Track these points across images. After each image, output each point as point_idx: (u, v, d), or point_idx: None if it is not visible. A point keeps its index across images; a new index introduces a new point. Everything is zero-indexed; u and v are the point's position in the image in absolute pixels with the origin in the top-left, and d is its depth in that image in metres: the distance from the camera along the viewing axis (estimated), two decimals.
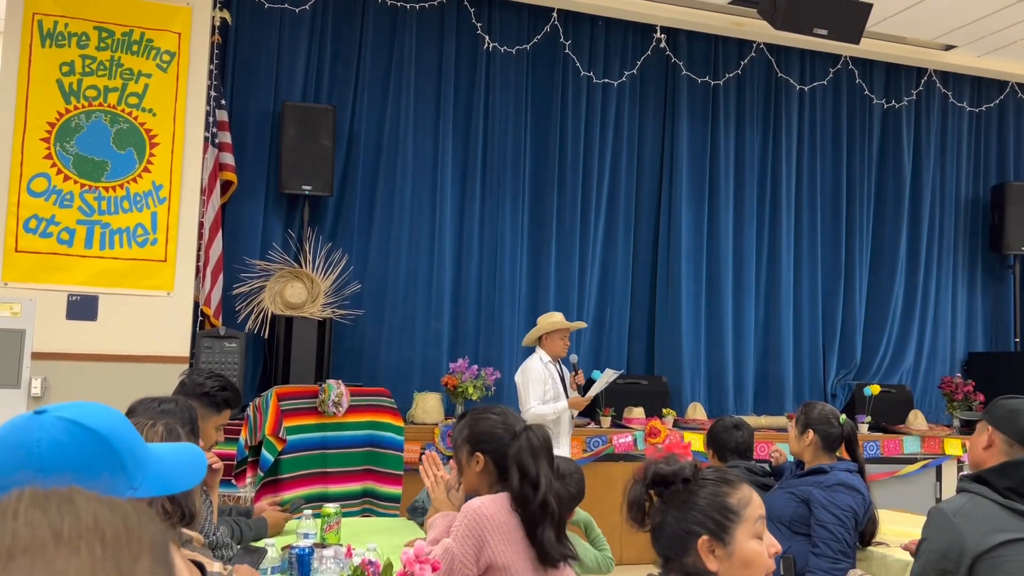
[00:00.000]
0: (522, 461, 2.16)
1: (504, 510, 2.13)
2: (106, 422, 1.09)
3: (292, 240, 5.63)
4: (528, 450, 2.17)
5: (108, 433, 1.08)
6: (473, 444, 2.26)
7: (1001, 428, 2.21)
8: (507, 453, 2.19)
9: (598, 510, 5.35)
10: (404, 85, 5.91)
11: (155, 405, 2.24)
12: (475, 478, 2.27)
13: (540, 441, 2.21)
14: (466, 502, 2.26)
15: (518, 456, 2.17)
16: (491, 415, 2.30)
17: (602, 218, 6.33)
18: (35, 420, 1.04)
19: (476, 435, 2.26)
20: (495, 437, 2.23)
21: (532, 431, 2.23)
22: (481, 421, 2.28)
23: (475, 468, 2.25)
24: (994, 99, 7.39)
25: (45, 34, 4.86)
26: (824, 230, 6.88)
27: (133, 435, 1.12)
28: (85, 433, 1.05)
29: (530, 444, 2.18)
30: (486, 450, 2.23)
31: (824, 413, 3.24)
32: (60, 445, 1.02)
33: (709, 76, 6.60)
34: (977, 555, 1.95)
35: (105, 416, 1.10)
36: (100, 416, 1.09)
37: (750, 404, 6.52)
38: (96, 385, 4.71)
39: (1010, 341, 7.26)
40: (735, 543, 1.51)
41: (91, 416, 1.08)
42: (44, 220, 4.80)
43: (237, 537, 2.79)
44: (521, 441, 2.19)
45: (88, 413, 1.08)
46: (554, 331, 4.74)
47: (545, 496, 2.13)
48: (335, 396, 4.51)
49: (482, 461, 2.24)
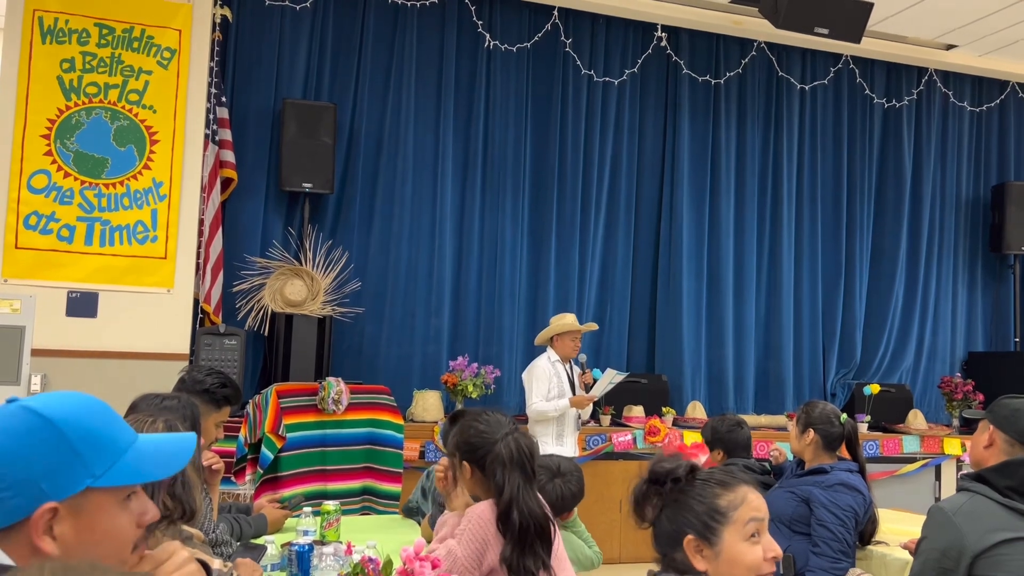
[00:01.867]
0: (494, 471, 2.16)
1: (493, 517, 2.13)
2: (68, 411, 1.09)
3: (292, 237, 5.63)
4: (499, 460, 2.16)
5: (63, 422, 1.08)
6: (460, 453, 2.26)
7: (1003, 427, 2.21)
8: (486, 462, 2.19)
9: (597, 508, 5.36)
10: (405, 83, 5.91)
11: (157, 401, 2.24)
12: (469, 484, 2.26)
13: (514, 451, 2.18)
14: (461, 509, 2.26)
15: (492, 466, 2.17)
16: (476, 423, 2.27)
17: (602, 216, 6.33)
18: (1, 410, 1.07)
19: (461, 444, 2.26)
20: (476, 446, 2.22)
21: (510, 439, 2.20)
22: (466, 429, 2.27)
23: (465, 476, 2.25)
24: (995, 99, 7.39)
25: (46, 31, 4.86)
26: (825, 229, 6.88)
27: (104, 425, 1.11)
28: (38, 420, 1.06)
29: (502, 455, 2.16)
30: (470, 459, 2.23)
31: (825, 412, 3.24)
32: (9, 431, 1.05)
33: (710, 75, 6.59)
34: (977, 554, 1.95)
35: (70, 405, 1.10)
36: (64, 405, 1.10)
37: (750, 403, 6.52)
38: (96, 382, 4.71)
39: (1010, 341, 7.26)
40: (722, 544, 1.51)
41: (52, 405, 1.09)
42: (44, 217, 4.80)
43: (237, 534, 2.79)
44: (497, 449, 2.17)
45: (51, 402, 1.09)
46: (565, 332, 4.74)
47: (508, 507, 2.10)
48: (335, 393, 4.51)
49: (468, 469, 2.23)
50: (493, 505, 2.14)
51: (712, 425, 3.65)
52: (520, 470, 2.17)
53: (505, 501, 2.11)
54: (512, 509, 2.10)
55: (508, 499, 2.11)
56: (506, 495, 2.11)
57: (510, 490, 2.12)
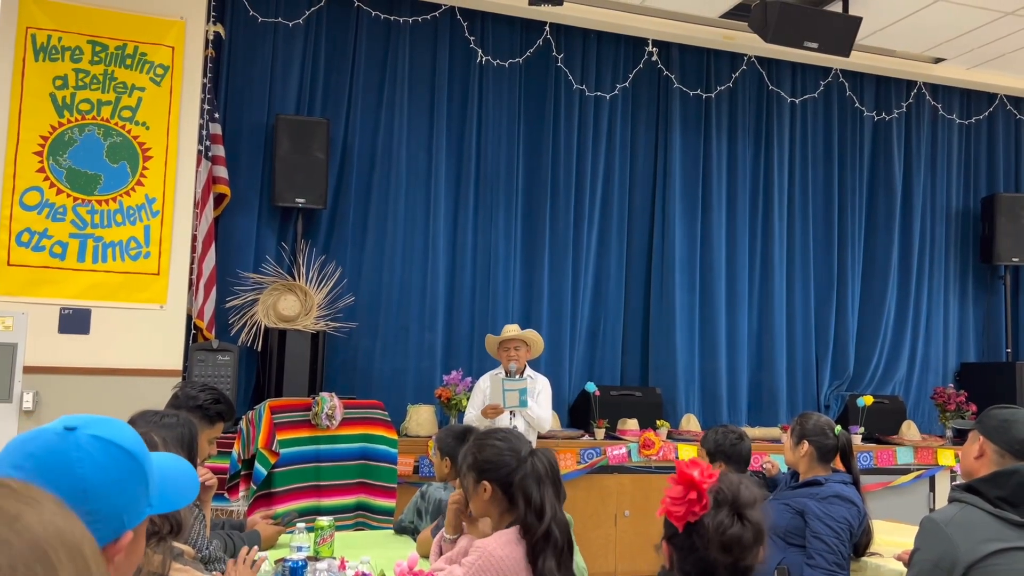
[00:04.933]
0: (527, 489, 2.10)
1: (514, 549, 2.08)
2: (134, 440, 1.09)
3: (286, 253, 5.63)
4: (533, 477, 2.11)
5: (141, 455, 1.09)
6: (479, 472, 2.19)
7: (992, 438, 2.22)
8: (513, 480, 2.13)
9: (593, 522, 5.36)
10: (398, 98, 5.93)
11: (156, 419, 2.24)
12: (483, 505, 2.20)
13: (546, 466, 2.15)
14: (478, 534, 2.23)
15: (523, 483, 2.11)
16: (495, 440, 2.23)
17: (595, 230, 6.35)
18: (70, 439, 1.03)
19: (480, 463, 2.20)
20: (500, 464, 2.17)
21: (537, 456, 2.17)
22: (486, 448, 2.21)
23: (483, 496, 2.18)
24: (983, 111, 7.45)
25: (38, 48, 4.87)
26: (816, 241, 6.91)
27: (147, 453, 1.14)
28: (120, 453, 1.06)
29: (535, 471, 2.13)
30: (492, 478, 2.17)
31: (819, 424, 3.25)
32: (101, 467, 1.02)
33: (701, 89, 6.64)
34: (969, 564, 1.96)
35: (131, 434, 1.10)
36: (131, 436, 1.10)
37: (744, 415, 6.53)
38: (88, 399, 4.69)
39: (1001, 351, 7.29)
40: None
41: (121, 434, 1.08)
42: (36, 234, 4.79)
43: (230, 551, 2.78)
44: (527, 467, 2.13)
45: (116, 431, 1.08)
46: (498, 346, 4.84)
47: (549, 525, 2.07)
48: (328, 409, 4.51)
49: (489, 489, 2.17)
50: (512, 536, 2.09)
51: (714, 438, 3.64)
52: (553, 486, 2.14)
53: (548, 519, 2.07)
54: (553, 526, 2.07)
55: (550, 517, 2.08)
56: (548, 513, 2.08)
57: (551, 508, 2.09)
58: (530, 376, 4.78)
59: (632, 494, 5.46)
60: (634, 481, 5.49)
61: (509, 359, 4.75)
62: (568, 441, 5.51)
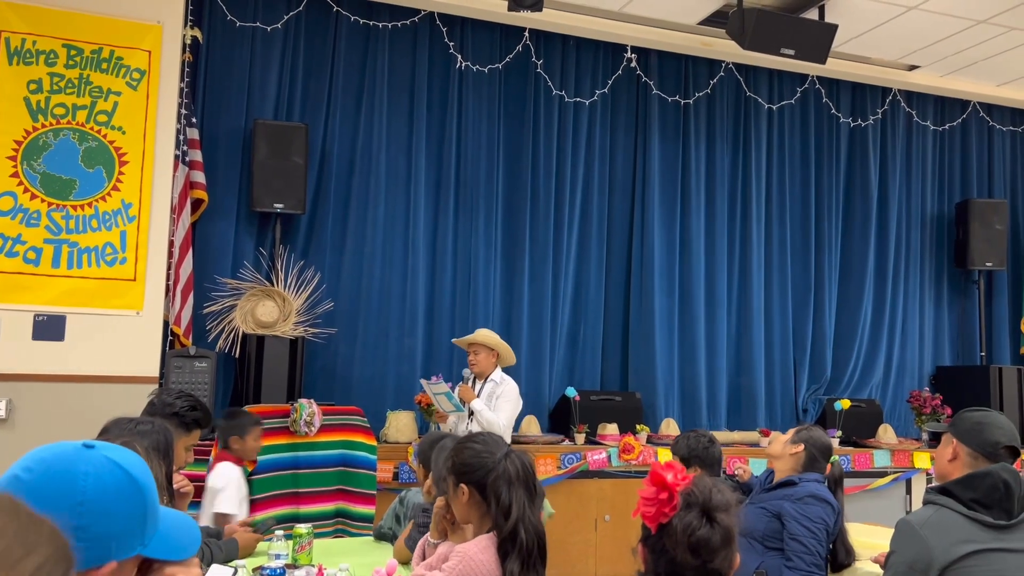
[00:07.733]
0: (498, 489, 2.13)
1: (493, 553, 2.09)
2: (147, 475, 1.10)
3: (264, 258, 5.60)
4: (504, 478, 2.14)
5: (147, 487, 1.09)
6: (457, 475, 2.21)
7: (965, 441, 2.24)
8: (487, 482, 2.15)
9: (574, 526, 5.36)
10: (377, 103, 5.92)
11: (131, 426, 2.22)
12: (463, 509, 2.22)
13: (518, 468, 2.17)
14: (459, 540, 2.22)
15: (495, 484, 2.14)
16: (473, 444, 2.24)
17: (575, 235, 6.36)
18: (84, 453, 1.06)
19: (458, 465, 2.21)
20: (475, 466, 2.18)
21: (511, 458, 2.19)
22: (463, 451, 2.23)
23: (462, 500, 2.20)
24: (957, 118, 7.55)
25: (12, 52, 4.81)
26: (794, 246, 6.96)
27: (155, 493, 1.13)
28: (127, 480, 1.07)
29: (507, 472, 2.15)
30: (469, 480, 2.19)
31: (825, 443, 3.29)
32: (104, 487, 1.04)
33: (679, 95, 6.68)
34: (944, 566, 1.98)
35: (143, 467, 1.11)
36: (142, 467, 1.11)
37: (723, 419, 6.56)
38: (64, 407, 4.63)
39: (976, 355, 7.38)
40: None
41: (135, 466, 1.10)
42: (10, 239, 4.73)
43: (207, 559, 2.76)
44: (499, 469, 2.15)
45: (132, 462, 1.10)
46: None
47: (515, 525, 2.08)
48: (307, 416, 4.49)
49: (467, 492, 2.19)
50: (489, 542, 2.10)
51: (687, 443, 3.65)
52: (524, 488, 2.16)
53: (513, 519, 2.09)
54: (519, 527, 2.09)
55: (516, 517, 2.09)
56: (514, 513, 2.09)
57: (518, 508, 2.11)
58: (494, 380, 4.83)
59: (612, 499, 5.47)
60: (614, 486, 5.50)
61: (472, 363, 4.86)
62: (548, 446, 5.51)
